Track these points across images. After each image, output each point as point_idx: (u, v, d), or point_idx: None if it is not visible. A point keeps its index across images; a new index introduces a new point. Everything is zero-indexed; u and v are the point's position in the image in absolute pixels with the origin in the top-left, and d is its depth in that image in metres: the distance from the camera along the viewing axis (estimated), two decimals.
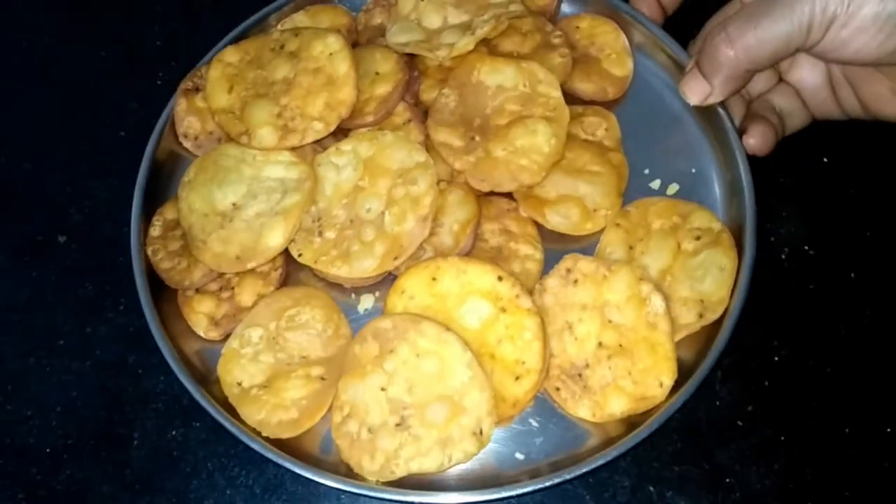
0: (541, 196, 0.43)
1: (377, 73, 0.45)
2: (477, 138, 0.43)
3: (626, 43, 0.48)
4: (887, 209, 0.47)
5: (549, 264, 0.43)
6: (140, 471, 0.43)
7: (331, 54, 0.43)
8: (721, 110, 0.44)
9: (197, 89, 0.46)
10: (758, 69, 0.41)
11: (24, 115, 0.53)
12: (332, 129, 0.42)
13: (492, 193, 0.43)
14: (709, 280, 0.41)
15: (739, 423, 0.43)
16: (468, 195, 0.43)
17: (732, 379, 0.43)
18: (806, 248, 0.46)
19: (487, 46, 0.46)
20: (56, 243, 0.49)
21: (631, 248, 0.43)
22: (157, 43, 0.55)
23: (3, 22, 0.57)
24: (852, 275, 0.46)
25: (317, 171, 0.42)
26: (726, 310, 0.40)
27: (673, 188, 0.45)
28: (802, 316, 0.45)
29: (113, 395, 0.45)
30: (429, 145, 0.44)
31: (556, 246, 0.43)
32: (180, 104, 0.46)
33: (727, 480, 0.42)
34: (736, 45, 0.39)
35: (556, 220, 0.43)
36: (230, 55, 0.45)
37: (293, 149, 0.42)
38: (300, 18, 0.49)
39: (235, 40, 0.47)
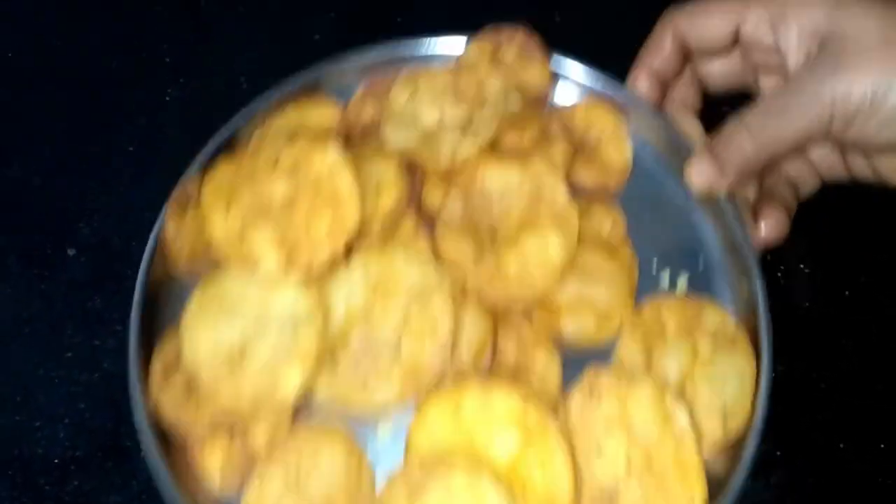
0: (554, 303, 0.43)
1: (378, 183, 0.43)
2: (486, 248, 0.42)
3: (624, 128, 0.48)
4: (883, 227, 0.49)
5: (566, 368, 0.42)
6: (147, 482, 0.41)
7: (331, 168, 0.41)
8: (723, 196, 0.44)
9: (185, 207, 0.43)
10: (773, 162, 0.41)
11: (34, 128, 0.54)
12: (339, 251, 0.40)
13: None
14: (729, 389, 0.41)
15: None
16: (482, 312, 0.42)
17: None
18: (801, 266, 0.48)
19: None
20: (65, 256, 0.50)
21: (649, 354, 0.43)
22: (167, 60, 0.56)
23: (14, 36, 0.57)
24: (847, 292, 0.48)
25: (326, 296, 0.40)
26: (751, 420, 0.40)
27: (683, 281, 0.45)
28: (799, 333, 0.46)
29: (120, 408, 0.45)
30: (438, 258, 0.43)
31: (573, 353, 0.43)
32: (169, 226, 0.43)
33: None
34: (754, 137, 0.39)
35: (570, 329, 0.43)
36: (223, 172, 0.42)
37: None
38: (289, 115, 0.47)
39: (223, 147, 0.45)
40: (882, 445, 0.44)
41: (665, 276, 0.46)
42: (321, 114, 0.47)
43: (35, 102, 0.55)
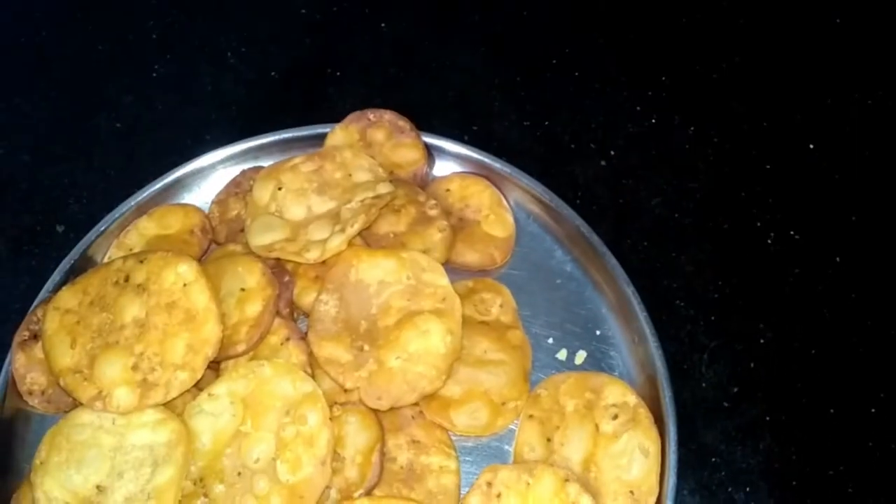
0: (444, 397, 0.40)
1: (243, 290, 0.40)
2: (366, 347, 0.39)
3: (503, 200, 0.46)
4: (872, 195, 0.49)
5: (463, 463, 0.40)
6: None
7: (185, 285, 0.38)
8: (612, 261, 0.43)
9: (35, 337, 0.40)
10: None
11: (22, 107, 0.53)
12: (199, 375, 0.37)
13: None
14: (635, 468, 0.39)
15: (725, 405, 0.44)
16: (367, 417, 0.38)
17: (718, 361, 0.45)
18: (791, 232, 0.48)
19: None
20: (54, 233, 0.48)
21: (549, 439, 0.40)
22: (153, 36, 0.54)
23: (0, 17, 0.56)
24: (837, 259, 0.47)
25: (189, 425, 0.37)
26: (660, 496, 0.38)
27: (581, 356, 0.43)
28: (788, 300, 0.46)
29: None
30: (314, 363, 0.40)
31: (470, 444, 0.41)
32: (18, 359, 0.40)
33: (713, 460, 0.42)
34: None
35: (463, 422, 0.40)
36: (67, 299, 0.39)
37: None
38: (144, 225, 0.44)
39: (73, 271, 0.42)
40: (872, 410, 0.43)
41: (562, 353, 0.43)
42: (182, 219, 0.45)
43: (22, 82, 0.54)
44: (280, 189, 0.44)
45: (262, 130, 0.48)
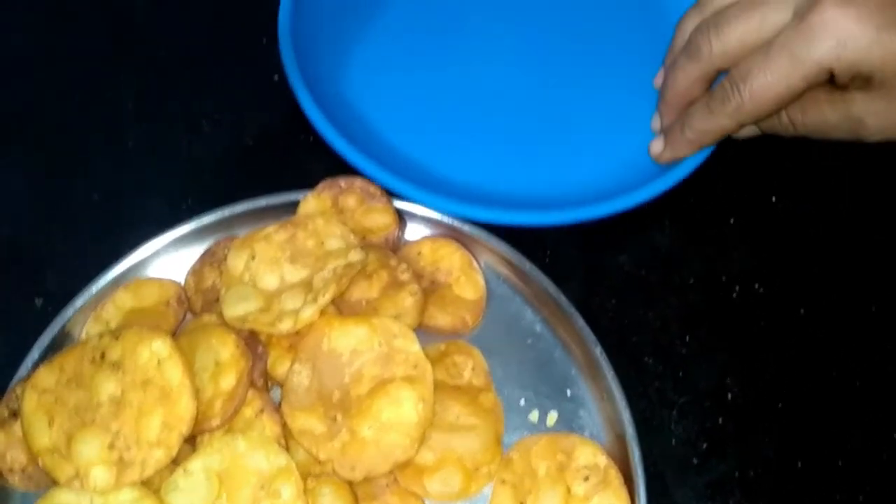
0: (418, 464, 0.41)
1: (217, 363, 0.41)
2: (339, 417, 0.40)
3: (473, 261, 0.47)
4: (835, 247, 0.51)
5: None
6: None
7: (159, 362, 0.39)
8: (580, 322, 0.44)
9: (14, 415, 0.40)
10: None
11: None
12: (174, 453, 0.38)
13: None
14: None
15: (695, 461, 0.44)
16: (340, 488, 0.39)
17: (687, 417, 0.45)
18: (756, 285, 0.49)
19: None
20: (33, 306, 0.47)
21: (521, 501, 0.41)
22: (129, 104, 0.55)
23: None
24: (802, 311, 0.48)
25: (166, 502, 0.37)
26: None
27: (552, 417, 0.44)
28: (754, 353, 0.47)
29: None
30: (287, 433, 0.41)
31: None
32: None
33: None
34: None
35: (437, 489, 0.41)
36: (45, 378, 0.39)
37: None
38: (121, 297, 0.45)
39: (52, 347, 0.43)
40: (840, 463, 0.44)
41: (534, 414, 0.44)
42: (158, 291, 0.45)
43: None
44: (254, 258, 0.45)
45: (237, 197, 0.49)
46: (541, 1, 0.58)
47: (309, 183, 0.49)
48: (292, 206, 0.48)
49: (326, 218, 0.46)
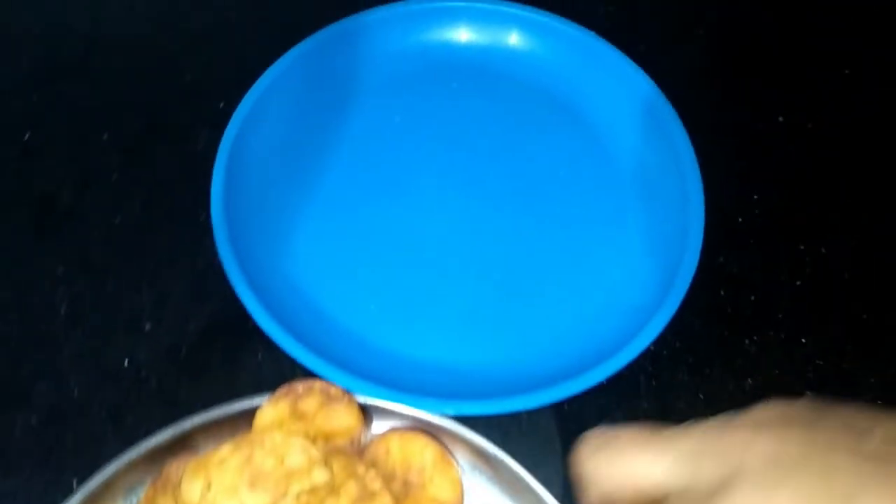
0: None
1: None
2: None
3: (447, 454, 0.44)
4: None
5: None
6: None
7: None
8: None
9: None
10: None
11: None
12: None
13: None
14: None
15: None
16: None
17: None
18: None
19: None
20: None
21: None
22: (62, 310, 0.51)
23: None
24: None
25: None
26: None
27: None
28: None
29: None
30: None
31: None
32: None
33: None
34: None
35: None
36: None
37: None
38: None
39: None
40: None
41: None
42: None
43: None
44: (210, 487, 0.41)
45: (185, 402, 0.47)
46: (488, 165, 0.56)
47: (263, 377, 0.47)
48: (249, 413, 0.45)
49: (284, 432, 0.43)
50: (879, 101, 0.61)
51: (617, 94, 0.56)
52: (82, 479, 0.44)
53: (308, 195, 0.54)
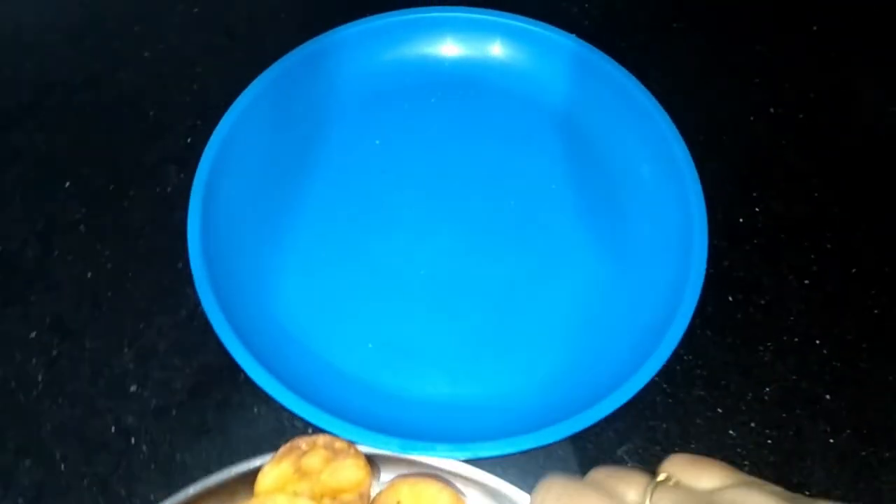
0: None
1: None
2: None
3: (461, 499, 0.41)
4: None
5: None
6: None
7: None
8: None
9: None
10: None
11: None
12: None
13: None
14: None
15: None
16: None
17: None
18: None
19: None
20: None
21: None
22: (39, 378, 0.47)
23: None
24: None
25: None
26: None
27: None
28: None
29: None
30: None
31: None
32: None
33: None
34: None
35: None
36: None
37: None
38: None
39: None
40: None
41: None
42: None
43: None
44: None
45: (180, 467, 0.44)
46: (479, 186, 0.53)
47: (261, 432, 0.44)
48: (250, 476, 0.42)
49: (289, 493, 0.40)
50: (878, 97, 0.59)
51: (604, 100, 0.54)
52: None
53: (290, 230, 0.51)
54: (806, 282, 0.51)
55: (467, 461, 0.42)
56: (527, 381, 0.47)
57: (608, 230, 0.51)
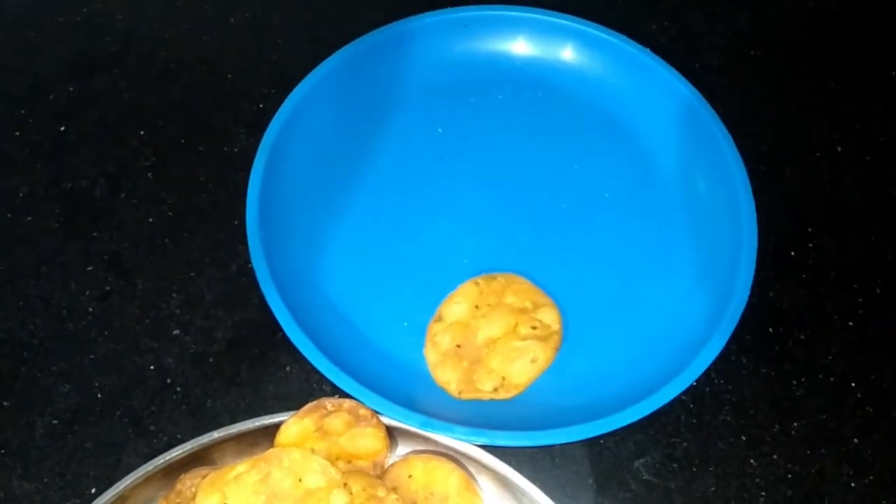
0: None
1: None
2: None
3: (472, 482, 0.43)
4: None
5: None
6: None
7: None
8: None
9: None
10: None
11: None
12: None
13: None
14: (517, 365, 0.46)
15: None
16: None
17: None
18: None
19: None
20: None
21: (477, 307, 0.47)
22: (90, 310, 0.49)
23: None
24: None
25: None
26: None
27: None
28: None
29: None
30: None
31: None
32: None
33: None
34: None
35: None
36: None
37: None
38: None
39: None
40: None
41: None
42: None
43: None
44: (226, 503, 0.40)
45: (210, 412, 0.46)
46: (533, 183, 0.54)
47: (290, 391, 0.46)
48: (272, 429, 0.43)
49: (304, 452, 0.41)
50: None
51: (670, 116, 0.54)
52: (100, 488, 0.43)
53: (346, 206, 0.53)
54: (850, 324, 0.50)
55: (483, 447, 0.43)
56: (554, 379, 0.47)
57: (656, 245, 0.51)
